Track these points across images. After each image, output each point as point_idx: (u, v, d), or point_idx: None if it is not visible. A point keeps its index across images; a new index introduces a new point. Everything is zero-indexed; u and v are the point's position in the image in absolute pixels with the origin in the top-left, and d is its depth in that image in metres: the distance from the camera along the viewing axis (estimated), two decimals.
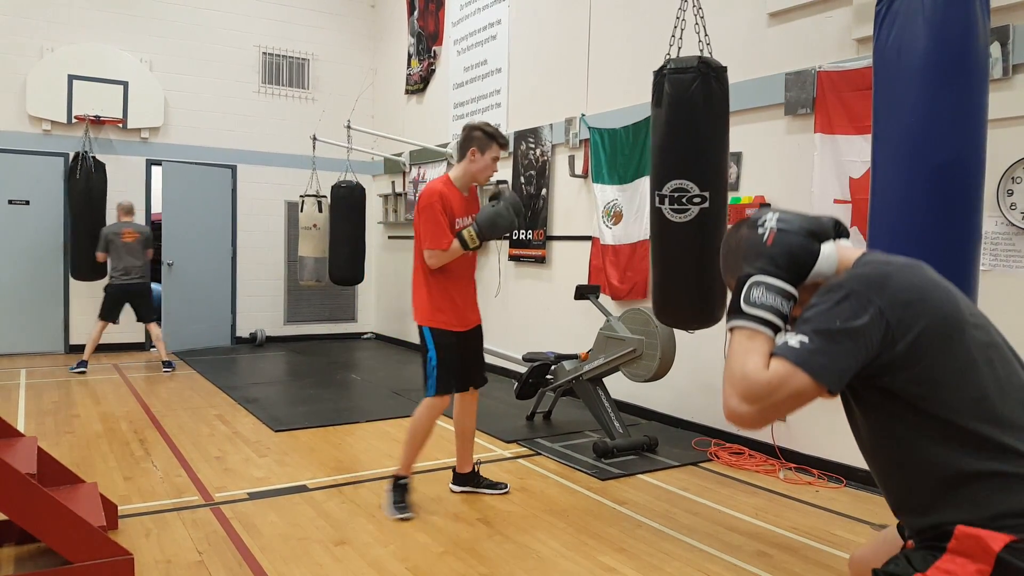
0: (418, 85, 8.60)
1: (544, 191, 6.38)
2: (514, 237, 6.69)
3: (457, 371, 3.49)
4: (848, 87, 3.96)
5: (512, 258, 6.81)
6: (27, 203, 7.81)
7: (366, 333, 9.78)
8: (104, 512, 2.98)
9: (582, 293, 4.88)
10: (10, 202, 7.75)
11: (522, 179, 6.64)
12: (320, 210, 7.82)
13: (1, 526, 2.91)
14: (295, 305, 9.31)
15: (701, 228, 3.27)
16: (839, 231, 1.50)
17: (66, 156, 7.80)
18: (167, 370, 7.00)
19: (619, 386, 5.07)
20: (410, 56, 8.79)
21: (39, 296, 7.89)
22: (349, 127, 7.56)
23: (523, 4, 6.75)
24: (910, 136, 2.48)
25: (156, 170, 8.43)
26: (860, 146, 3.87)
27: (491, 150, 3.45)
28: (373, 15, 9.65)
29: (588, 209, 5.91)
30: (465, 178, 3.51)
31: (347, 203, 7.82)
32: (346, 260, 7.83)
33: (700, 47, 3.42)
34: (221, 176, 8.74)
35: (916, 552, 1.36)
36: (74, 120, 7.82)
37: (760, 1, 4.52)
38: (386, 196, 9.26)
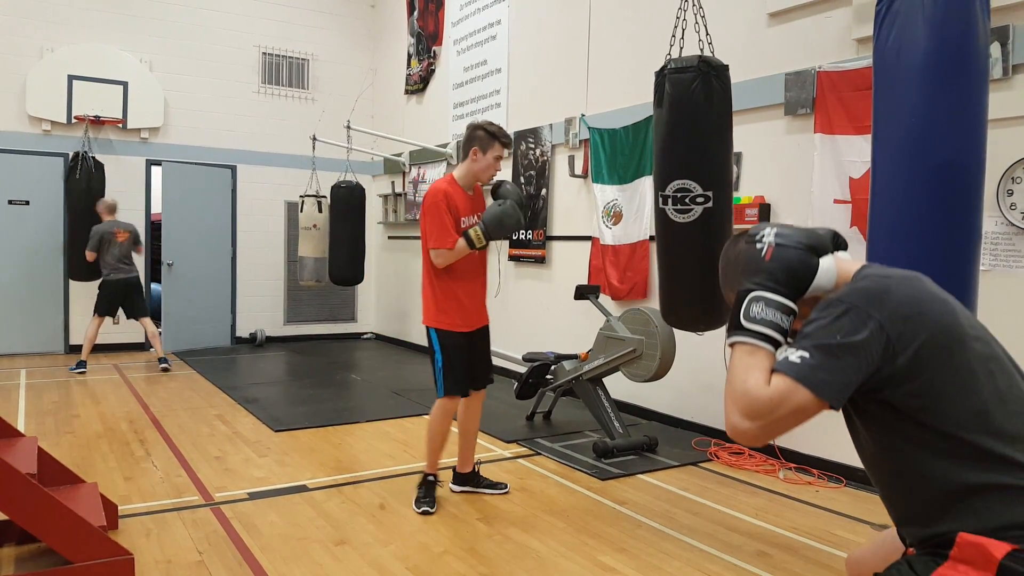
0: (418, 85, 8.60)
1: (544, 191, 6.38)
2: (514, 237, 6.69)
3: (465, 372, 3.50)
4: (848, 87, 3.97)
5: (512, 258, 6.81)
6: (27, 203, 7.81)
7: (366, 333, 9.78)
8: (104, 512, 2.98)
9: (582, 293, 4.88)
10: (10, 202, 7.75)
11: (522, 179, 6.64)
12: (320, 210, 7.83)
13: (2, 526, 2.91)
14: (295, 305, 9.31)
15: (705, 228, 3.25)
16: (837, 243, 1.51)
17: (66, 156, 7.80)
18: (163, 366, 7.00)
19: (619, 386, 5.07)
20: (410, 56, 8.79)
21: (39, 296, 7.89)
22: (349, 127, 7.57)
23: (523, 4, 6.75)
24: (910, 136, 2.48)
25: (156, 170, 8.43)
26: (860, 146, 3.87)
27: (493, 149, 3.44)
28: (373, 15, 9.65)
29: (588, 209, 5.91)
30: (468, 177, 3.51)
31: (347, 203, 7.83)
32: (346, 260, 7.84)
33: (700, 47, 3.41)
34: (221, 176, 8.74)
35: (918, 559, 1.36)
36: (74, 120, 7.82)
37: (760, 1, 4.53)
38: (386, 196, 9.26)
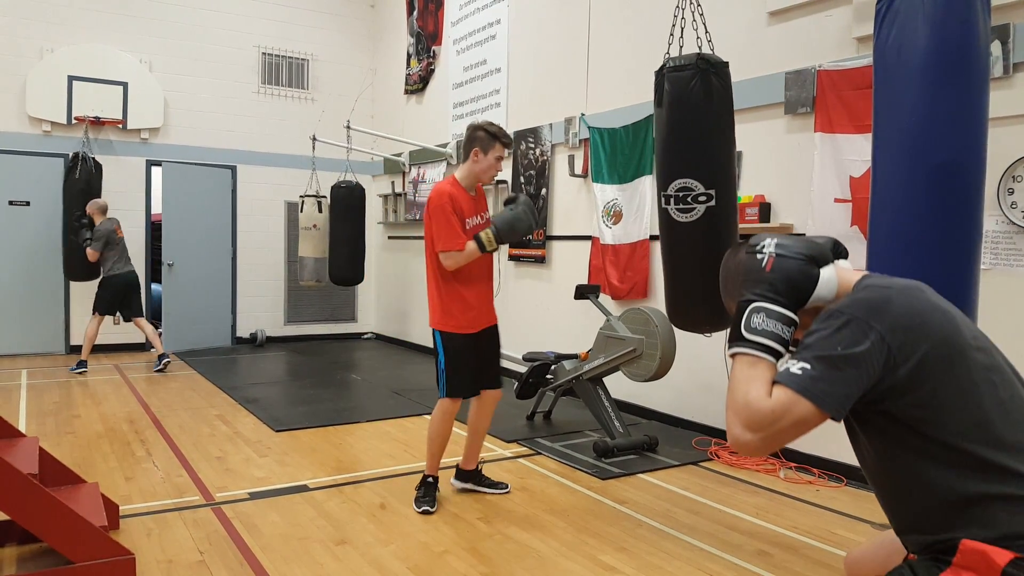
0: (417, 85, 8.60)
1: (544, 191, 6.38)
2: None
3: (469, 374, 3.50)
4: (848, 86, 3.97)
5: (512, 258, 6.81)
6: (27, 204, 7.81)
7: (366, 333, 9.78)
8: (105, 512, 2.98)
9: (582, 293, 4.88)
10: (10, 203, 7.75)
11: (522, 179, 6.64)
12: (320, 210, 7.83)
13: (3, 526, 2.91)
14: (295, 305, 9.32)
15: (709, 227, 3.22)
16: (838, 252, 1.51)
17: (66, 157, 7.79)
18: (164, 362, 7.01)
19: (619, 386, 5.07)
20: (409, 56, 8.79)
21: (40, 297, 7.89)
22: (349, 127, 7.57)
23: (523, 4, 6.75)
24: (910, 135, 2.48)
25: (156, 171, 8.43)
26: (860, 145, 3.87)
27: (494, 150, 3.43)
28: (373, 15, 9.65)
29: (588, 209, 5.91)
30: (470, 178, 3.50)
31: (347, 203, 7.83)
32: (346, 260, 7.84)
33: (699, 44, 3.40)
34: (221, 176, 8.74)
35: (920, 563, 1.36)
36: (74, 121, 7.82)
37: (760, 0, 4.53)
38: (386, 196, 9.26)
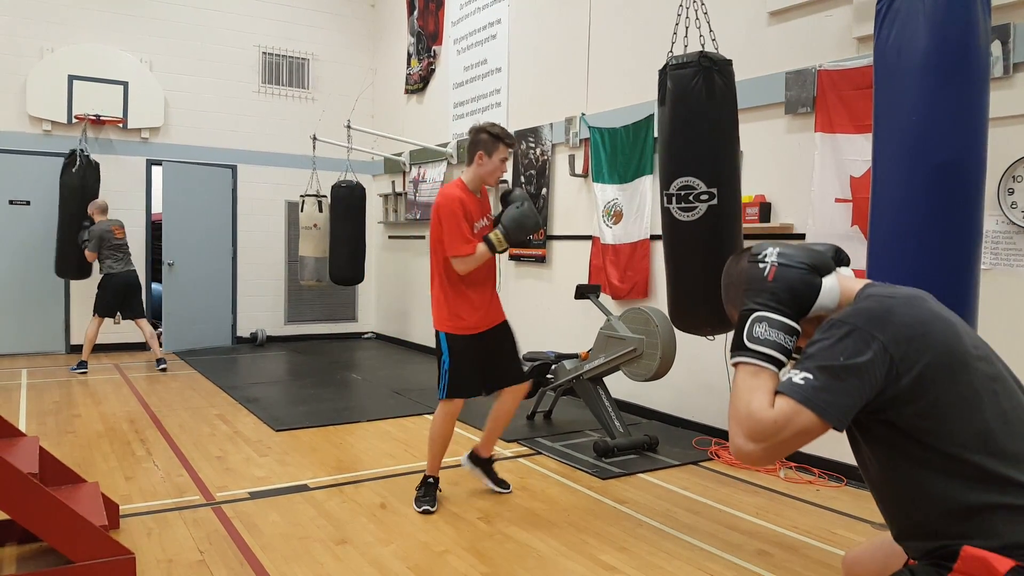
0: (418, 85, 8.60)
1: (544, 191, 6.38)
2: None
3: (472, 375, 3.51)
4: (848, 86, 3.97)
5: (512, 258, 6.81)
6: (27, 203, 7.81)
7: (366, 333, 9.78)
8: (106, 511, 2.98)
9: (582, 292, 4.88)
10: (10, 202, 7.75)
11: (522, 179, 6.64)
12: (320, 210, 7.83)
13: (3, 525, 2.91)
14: (295, 305, 9.32)
15: (711, 226, 3.20)
16: (840, 259, 1.51)
17: (66, 156, 7.80)
18: (161, 367, 7.01)
19: (619, 385, 5.07)
20: (410, 56, 8.79)
21: (40, 296, 7.89)
22: (349, 127, 7.57)
23: (523, 4, 6.75)
24: (911, 135, 2.48)
25: (156, 170, 8.43)
26: (861, 145, 3.87)
27: (498, 152, 3.43)
28: (373, 15, 9.65)
29: (588, 208, 5.91)
30: (476, 181, 3.50)
31: (347, 203, 7.83)
32: (346, 260, 7.84)
33: (702, 43, 3.40)
34: (221, 176, 8.74)
35: (921, 569, 1.36)
36: (74, 120, 7.82)
37: (760, 0, 4.53)
38: (386, 196, 9.26)
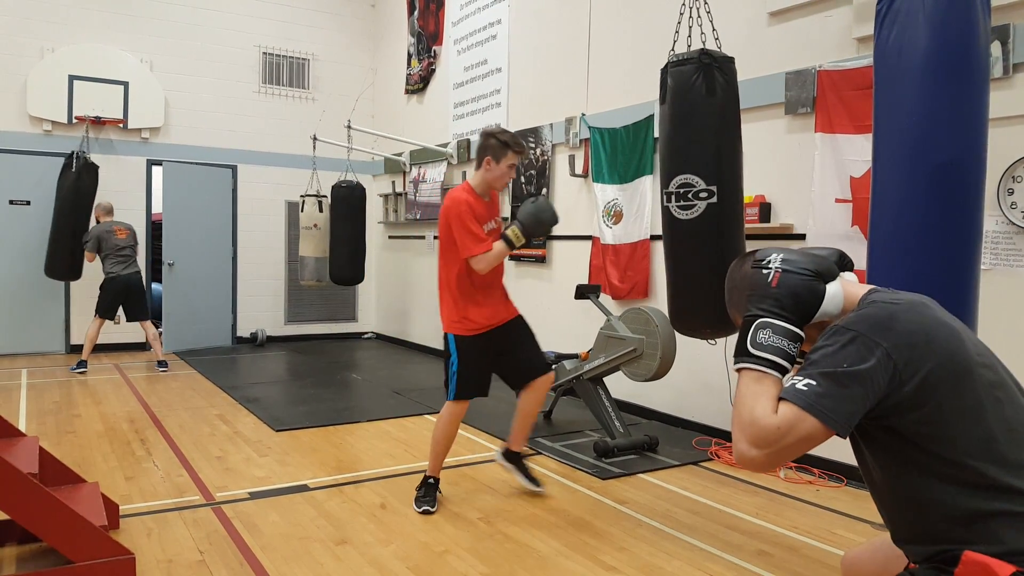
0: (418, 85, 8.60)
1: (544, 191, 6.38)
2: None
3: (480, 376, 3.53)
4: (849, 86, 3.96)
5: (512, 258, 6.81)
6: (27, 203, 7.81)
7: (366, 333, 9.78)
8: (105, 512, 2.98)
9: (582, 293, 4.88)
10: (11, 202, 7.76)
11: (523, 179, 6.64)
12: (320, 210, 7.83)
13: (3, 526, 2.91)
14: (295, 305, 9.32)
15: (711, 225, 3.17)
16: (843, 264, 1.51)
17: (66, 157, 7.80)
18: (162, 369, 7.01)
19: (619, 385, 5.07)
20: (410, 56, 8.79)
21: (40, 296, 7.89)
22: (349, 127, 7.57)
23: (523, 4, 6.75)
24: (911, 135, 2.48)
25: (156, 170, 8.43)
26: (861, 145, 3.87)
27: (506, 158, 3.43)
28: (373, 15, 9.65)
29: (588, 209, 5.91)
30: (483, 185, 3.51)
31: (347, 203, 7.83)
32: (346, 260, 7.84)
33: (703, 40, 3.39)
34: (221, 176, 8.75)
35: (921, 573, 1.36)
36: (75, 120, 7.82)
37: (760, 0, 4.53)
38: (386, 196, 9.26)
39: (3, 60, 7.64)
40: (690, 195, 3.19)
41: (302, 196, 7.95)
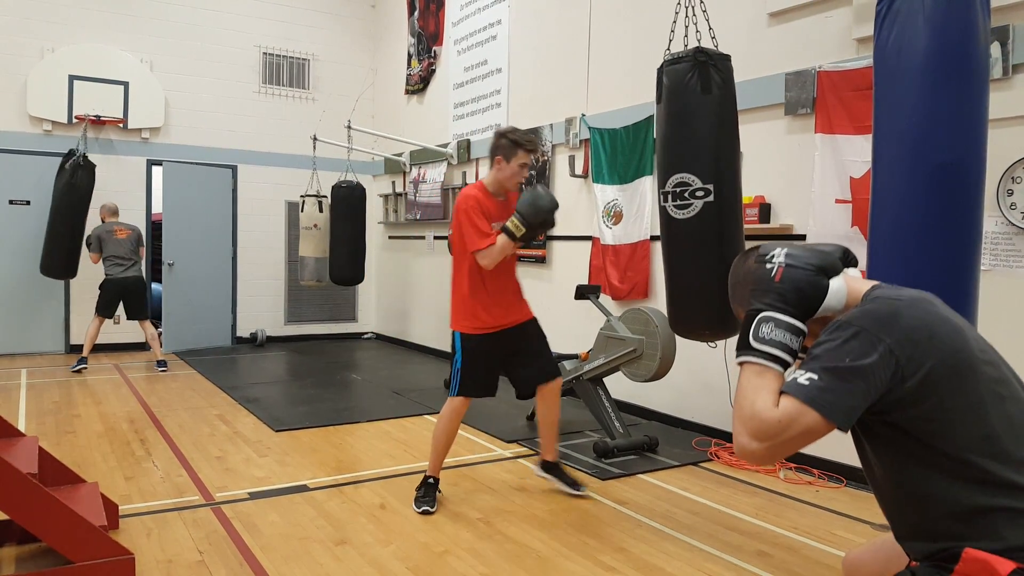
0: (418, 85, 8.60)
1: None
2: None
3: (484, 375, 3.54)
4: (848, 87, 3.97)
5: None
6: (27, 203, 7.81)
7: (366, 333, 9.78)
8: (105, 512, 2.98)
9: (582, 293, 4.88)
10: (10, 202, 7.76)
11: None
12: (320, 210, 7.83)
13: (2, 526, 2.91)
14: (295, 305, 9.32)
15: (707, 224, 3.14)
16: (847, 260, 1.51)
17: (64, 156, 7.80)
18: (161, 369, 7.00)
19: (619, 386, 5.07)
20: (410, 56, 8.79)
21: (39, 296, 7.89)
22: (349, 127, 7.57)
23: (523, 4, 6.75)
24: (910, 136, 2.49)
25: (156, 170, 8.43)
26: (861, 146, 3.87)
27: (517, 157, 3.44)
28: (373, 15, 9.65)
29: (588, 209, 5.91)
30: (495, 185, 3.52)
31: (347, 203, 7.83)
32: (346, 260, 7.84)
33: (699, 40, 3.38)
34: (221, 176, 8.75)
35: (922, 571, 1.37)
36: (75, 120, 7.82)
37: (760, 1, 4.53)
38: (386, 196, 9.26)
39: (3, 60, 7.64)
40: (687, 194, 3.17)
41: (302, 196, 7.95)
